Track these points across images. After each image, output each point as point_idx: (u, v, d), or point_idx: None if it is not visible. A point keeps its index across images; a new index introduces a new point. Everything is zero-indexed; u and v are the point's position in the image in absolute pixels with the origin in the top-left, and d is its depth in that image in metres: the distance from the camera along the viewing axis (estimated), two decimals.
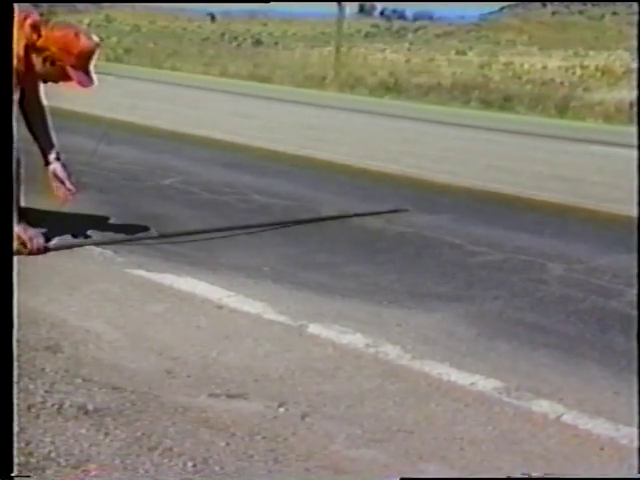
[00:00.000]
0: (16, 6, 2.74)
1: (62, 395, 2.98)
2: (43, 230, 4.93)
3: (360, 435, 2.91)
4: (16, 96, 4.38)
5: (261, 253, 5.34)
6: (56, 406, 2.90)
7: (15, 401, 2.49)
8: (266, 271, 4.92)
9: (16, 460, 2.48)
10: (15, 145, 2.95)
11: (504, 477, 2.72)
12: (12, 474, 2.31)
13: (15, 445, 2.53)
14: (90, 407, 2.91)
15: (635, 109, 13.64)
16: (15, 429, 2.62)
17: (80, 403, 2.93)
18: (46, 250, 4.80)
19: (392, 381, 3.40)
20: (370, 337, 3.86)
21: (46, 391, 3.00)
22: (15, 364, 3.09)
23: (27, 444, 2.62)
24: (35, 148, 5.00)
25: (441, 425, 3.04)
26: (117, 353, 3.49)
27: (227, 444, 2.76)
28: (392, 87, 19.73)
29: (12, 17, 2.49)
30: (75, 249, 5.03)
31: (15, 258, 2.63)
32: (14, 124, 2.46)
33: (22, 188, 4.53)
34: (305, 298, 4.43)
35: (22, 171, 4.49)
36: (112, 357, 3.43)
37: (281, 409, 3.06)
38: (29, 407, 2.86)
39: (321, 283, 4.74)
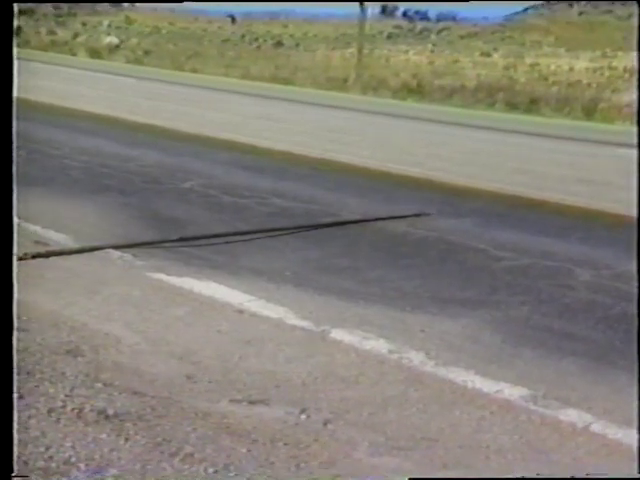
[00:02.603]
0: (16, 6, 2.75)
1: (82, 399, 2.95)
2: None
3: (383, 442, 2.86)
4: None
5: (282, 257, 5.30)
6: (76, 410, 2.87)
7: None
8: (287, 275, 4.88)
9: (36, 465, 2.46)
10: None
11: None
12: (12, 474, 2.29)
13: (32, 450, 2.51)
14: (110, 412, 2.88)
15: None
16: (35, 433, 2.61)
17: (100, 407, 2.90)
18: None
19: (416, 388, 3.35)
20: (393, 343, 3.81)
21: (66, 395, 2.98)
22: (34, 368, 3.08)
23: (47, 448, 2.59)
24: (55, 151, 5.01)
25: (466, 433, 2.98)
26: (137, 357, 3.46)
27: (248, 450, 2.72)
28: (415, 89, 19.64)
29: (12, 17, 2.49)
30: (95, 252, 5.03)
31: (35, 261, 2.62)
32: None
33: (36, 190, 4.48)
34: (327, 303, 4.39)
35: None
36: (132, 361, 3.41)
37: (303, 415, 3.02)
38: (49, 411, 2.84)
39: (343, 288, 4.70)
